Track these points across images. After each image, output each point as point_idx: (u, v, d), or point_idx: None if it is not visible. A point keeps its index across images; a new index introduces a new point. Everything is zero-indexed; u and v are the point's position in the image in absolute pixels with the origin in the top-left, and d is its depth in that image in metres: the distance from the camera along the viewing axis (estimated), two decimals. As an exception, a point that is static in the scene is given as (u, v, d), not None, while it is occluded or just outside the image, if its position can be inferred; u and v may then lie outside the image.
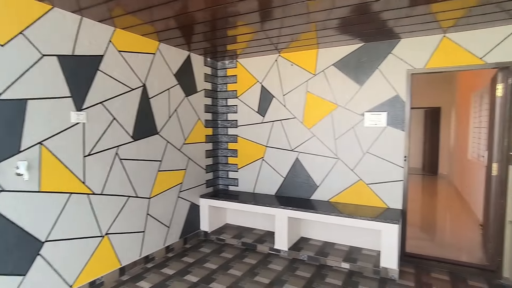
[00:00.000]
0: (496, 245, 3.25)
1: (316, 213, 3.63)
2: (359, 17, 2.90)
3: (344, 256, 3.65)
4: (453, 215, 5.72)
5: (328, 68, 3.93)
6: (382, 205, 3.72)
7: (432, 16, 2.88)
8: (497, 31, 3.12)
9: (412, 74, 3.50)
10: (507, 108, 3.15)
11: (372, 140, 3.73)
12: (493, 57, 3.14)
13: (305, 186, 4.20)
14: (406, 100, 3.53)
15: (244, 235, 4.34)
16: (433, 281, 3.21)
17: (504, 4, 2.61)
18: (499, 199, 3.22)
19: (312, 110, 4.07)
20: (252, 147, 4.55)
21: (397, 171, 3.62)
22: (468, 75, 6.69)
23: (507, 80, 3.14)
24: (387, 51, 3.60)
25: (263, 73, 4.38)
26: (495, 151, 3.32)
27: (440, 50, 3.36)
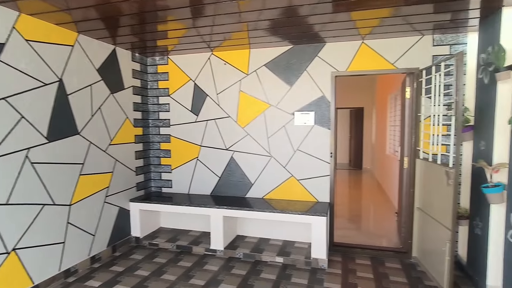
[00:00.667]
0: (407, 229, 3.68)
1: (251, 210, 3.68)
2: (287, 20, 3.01)
3: (278, 250, 3.77)
4: (375, 205, 6.33)
5: (260, 68, 4.02)
6: (312, 199, 3.94)
7: (352, 23, 3.13)
8: (405, 41, 3.53)
9: (336, 76, 3.77)
10: (414, 109, 3.59)
11: (301, 138, 3.92)
12: (402, 63, 3.55)
13: (240, 185, 4.23)
14: (331, 100, 3.79)
15: (179, 237, 4.21)
16: (357, 266, 3.50)
17: (409, 18, 2.96)
18: (409, 189, 3.65)
19: (246, 109, 4.12)
20: (186, 147, 4.43)
21: (324, 166, 3.87)
22: (385, 78, 7.46)
23: (413, 84, 3.57)
24: (314, 54, 3.82)
25: (196, 71, 4.29)
26: (406, 147, 3.76)
27: (359, 55, 3.68)
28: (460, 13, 2.85)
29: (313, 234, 3.46)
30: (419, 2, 2.58)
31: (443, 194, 2.90)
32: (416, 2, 2.59)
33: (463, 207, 3.34)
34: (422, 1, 2.57)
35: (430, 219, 3.21)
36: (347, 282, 3.14)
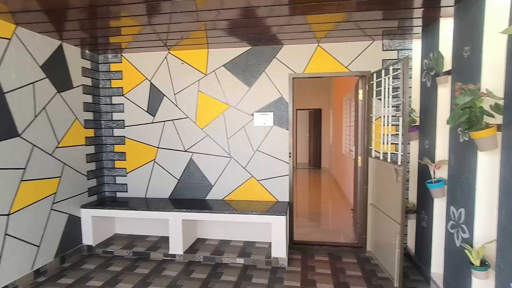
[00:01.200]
0: (362, 225, 3.86)
1: (211, 213, 3.63)
2: (245, 21, 3.01)
3: (239, 251, 3.75)
4: (333, 203, 6.57)
5: (219, 68, 3.98)
6: (272, 199, 3.99)
7: (308, 27, 3.21)
8: (357, 45, 3.71)
9: (293, 78, 3.85)
10: (366, 110, 3.78)
11: (261, 139, 3.95)
12: (355, 66, 3.72)
13: (200, 187, 4.15)
14: (289, 101, 3.87)
15: (136, 244, 4.02)
16: (316, 263, 3.59)
17: (360, 23, 3.11)
18: (363, 186, 3.84)
19: (205, 110, 4.05)
20: (142, 149, 4.25)
21: (283, 166, 3.93)
22: (340, 81, 7.79)
23: (366, 86, 3.76)
24: (272, 55, 3.87)
25: (152, 70, 4.14)
26: (359, 146, 3.95)
27: (315, 58, 3.79)
28: (405, 21, 3.05)
29: (273, 234, 3.50)
30: (369, 8, 2.72)
31: (393, 190, 3.09)
32: (366, 9, 2.73)
33: (411, 202, 3.58)
34: (371, 8, 2.72)
35: (382, 214, 3.39)
36: (306, 279, 3.21)
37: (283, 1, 2.55)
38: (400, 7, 2.71)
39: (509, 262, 1.92)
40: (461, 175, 2.49)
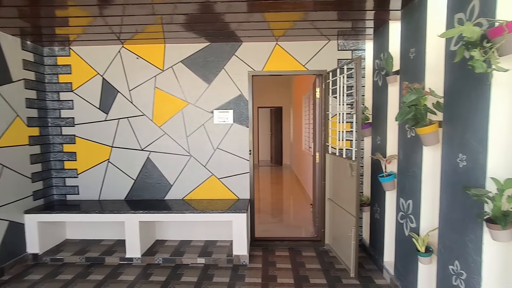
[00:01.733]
0: (321, 219, 3.98)
1: (170, 213, 3.52)
2: (203, 16, 2.95)
3: (199, 251, 3.69)
4: (294, 199, 6.71)
5: (176, 64, 3.87)
6: (233, 197, 3.97)
7: (266, 24, 3.23)
8: (314, 44, 3.80)
9: (253, 76, 3.86)
10: (323, 108, 3.89)
11: (221, 137, 3.91)
12: (312, 65, 3.82)
13: (158, 187, 4.01)
14: (249, 99, 3.87)
15: (89, 249, 3.78)
16: (277, 258, 3.64)
17: (316, 23, 3.18)
18: (321, 181, 3.96)
19: (162, 107, 3.92)
20: (95, 148, 4.01)
21: (244, 164, 3.93)
22: (300, 79, 7.96)
23: (322, 85, 3.88)
24: (231, 52, 3.84)
25: (105, 64, 3.91)
26: (317, 143, 4.06)
27: (274, 56, 3.83)
28: (358, 22, 3.19)
29: (234, 231, 3.48)
30: (324, 9, 2.80)
31: (348, 185, 3.22)
32: (321, 9, 2.80)
33: (365, 195, 3.76)
34: (326, 8, 2.79)
35: (339, 208, 3.53)
36: (267, 275, 3.24)
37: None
38: (353, 8, 2.82)
39: (448, 247, 2.09)
40: (409, 169, 2.66)
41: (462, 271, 1.94)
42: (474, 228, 1.83)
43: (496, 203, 1.61)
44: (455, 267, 2.01)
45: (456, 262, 2.00)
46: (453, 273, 2.03)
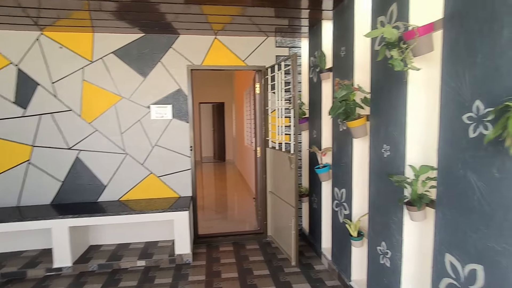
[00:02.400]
0: (263, 212, 4.07)
1: (105, 216, 3.27)
2: (136, 4, 2.77)
3: (139, 253, 3.51)
4: (238, 194, 6.76)
5: (107, 55, 3.58)
6: (174, 195, 3.84)
7: (204, 17, 3.16)
8: (253, 40, 3.84)
9: (191, 70, 3.76)
10: (263, 103, 3.97)
11: (159, 133, 3.75)
12: (252, 60, 3.85)
13: (90, 188, 3.69)
14: (188, 93, 3.76)
15: (6, 263, 3.34)
16: (221, 254, 3.64)
17: (254, 19, 3.20)
18: (262, 175, 4.04)
19: (92, 101, 3.60)
20: (11, 148, 3.53)
21: (185, 160, 3.82)
22: (241, 75, 8.00)
23: (262, 80, 3.94)
24: (168, 45, 3.68)
25: (20, 53, 3.45)
26: (258, 137, 4.13)
27: (213, 50, 3.77)
28: (294, 20, 3.29)
29: (176, 230, 3.38)
30: (262, 5, 2.83)
31: (287, 177, 3.34)
32: (259, 5, 2.83)
33: (304, 187, 3.94)
34: (264, 5, 2.83)
35: (279, 200, 3.64)
36: (212, 271, 3.22)
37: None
38: (289, 6, 2.90)
39: (376, 231, 2.30)
40: (342, 160, 2.85)
41: (388, 250, 2.15)
42: (396, 211, 2.04)
43: (413, 187, 1.81)
44: (382, 247, 2.22)
45: (383, 243, 2.21)
46: (381, 253, 2.24)
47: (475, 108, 1.43)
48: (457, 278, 1.56)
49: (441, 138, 1.65)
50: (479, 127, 1.41)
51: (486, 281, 1.40)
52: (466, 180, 1.50)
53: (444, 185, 1.64)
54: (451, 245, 1.60)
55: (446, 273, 1.63)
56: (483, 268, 1.42)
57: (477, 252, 1.45)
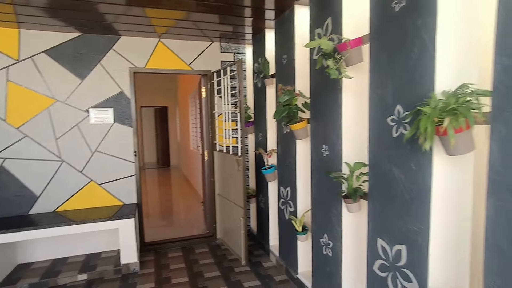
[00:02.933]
0: (211, 215, 4.10)
1: (36, 229, 2.99)
2: (70, 2, 2.61)
3: (80, 267, 3.27)
4: (184, 199, 6.64)
5: (38, 55, 3.30)
6: (118, 203, 3.67)
7: (147, 20, 3.10)
8: (198, 45, 3.86)
9: (134, 73, 3.64)
10: (209, 107, 4.01)
11: (100, 138, 3.55)
12: (197, 65, 3.87)
13: (18, 200, 3.34)
14: (131, 97, 3.64)
15: None
16: (170, 260, 3.57)
17: (199, 24, 3.25)
18: (210, 178, 4.07)
19: (20, 104, 3.27)
20: None
21: (128, 167, 3.67)
22: (185, 79, 7.89)
23: (208, 84, 3.98)
24: (108, 46, 3.53)
25: None
26: (205, 141, 4.15)
27: (157, 53, 3.71)
28: (238, 27, 3.41)
29: (121, 239, 3.24)
30: (206, 11, 2.88)
31: (236, 179, 3.43)
32: (203, 11, 2.87)
33: (251, 188, 4.07)
34: (208, 11, 2.88)
35: (228, 202, 3.71)
36: (161, 278, 3.15)
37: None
38: (232, 14, 3.00)
39: (318, 224, 2.50)
40: (286, 160, 3.04)
41: (330, 241, 2.36)
42: (336, 205, 2.26)
43: (349, 182, 2.03)
44: (324, 239, 2.43)
45: (325, 235, 2.42)
46: (323, 244, 2.45)
47: (396, 111, 1.68)
48: (387, 259, 1.80)
49: (371, 137, 1.89)
50: (400, 128, 1.67)
51: (408, 258, 1.65)
52: (390, 174, 1.74)
53: (374, 179, 1.89)
54: (381, 231, 1.84)
55: (378, 256, 1.87)
56: (406, 248, 1.67)
57: (401, 235, 1.70)
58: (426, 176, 1.53)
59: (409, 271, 1.65)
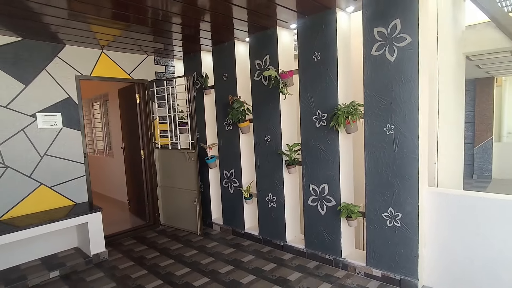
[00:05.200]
0: (153, 205, 4.69)
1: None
2: (13, 10, 2.68)
3: (46, 267, 3.34)
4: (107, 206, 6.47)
5: (-21, 58, 3.17)
6: (70, 203, 3.82)
7: (91, 34, 3.44)
8: (137, 57, 4.42)
9: (80, 80, 3.90)
10: (147, 111, 4.59)
11: (49, 142, 3.65)
12: (136, 74, 4.43)
13: (-44, 213, 3.09)
14: (79, 102, 3.87)
15: None
16: (131, 246, 4.01)
17: (137, 40, 3.77)
18: (151, 173, 4.66)
19: (-41, 110, 3.07)
20: None
21: (79, 167, 3.88)
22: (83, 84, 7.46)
23: (144, 91, 4.57)
24: (54, 53, 3.68)
25: None
26: (141, 141, 4.69)
27: (101, 62, 4.07)
28: (169, 46, 4.16)
29: (91, 231, 3.53)
30: (139, 30, 3.38)
31: (187, 169, 4.26)
32: (137, 30, 3.37)
33: (184, 179, 4.90)
34: (141, 30, 3.39)
35: (176, 190, 4.46)
36: (134, 257, 3.65)
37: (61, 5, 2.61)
38: (163, 35, 3.64)
39: (263, 188, 3.77)
40: (229, 150, 4.16)
41: (274, 197, 3.68)
42: (278, 171, 3.59)
43: (290, 155, 3.41)
44: (269, 196, 3.73)
45: (269, 194, 3.72)
46: (269, 200, 3.74)
47: (317, 113, 3.16)
48: (316, 194, 3.27)
49: (302, 128, 3.32)
50: (319, 122, 3.15)
51: (329, 190, 3.17)
52: (315, 147, 3.22)
53: (305, 151, 3.33)
54: (312, 179, 3.30)
55: (310, 194, 3.32)
56: (327, 185, 3.17)
57: (324, 178, 3.19)
58: (336, 145, 3.06)
59: (330, 197, 3.17)
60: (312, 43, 3.14)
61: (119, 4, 2.69)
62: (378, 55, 2.72)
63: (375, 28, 2.72)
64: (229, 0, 2.73)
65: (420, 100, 2.56)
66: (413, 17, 2.51)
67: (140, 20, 3.13)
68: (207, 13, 3.02)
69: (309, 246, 3.43)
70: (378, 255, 2.90)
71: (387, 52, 2.67)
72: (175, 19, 3.16)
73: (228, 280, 3.08)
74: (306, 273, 3.13)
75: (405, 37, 2.56)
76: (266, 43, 3.55)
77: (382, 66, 2.71)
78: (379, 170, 2.81)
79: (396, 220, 2.75)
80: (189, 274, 3.23)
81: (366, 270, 3.00)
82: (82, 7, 2.69)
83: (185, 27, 3.42)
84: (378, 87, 2.75)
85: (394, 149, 2.70)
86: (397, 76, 2.63)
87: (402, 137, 2.65)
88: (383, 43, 2.68)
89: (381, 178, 2.81)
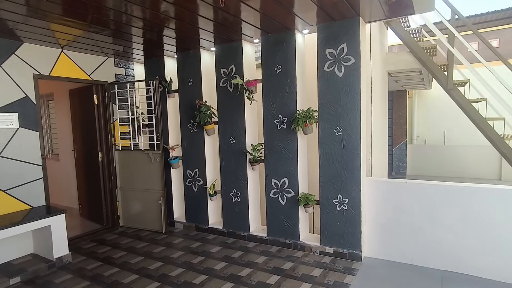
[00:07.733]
0: (112, 208, 4.66)
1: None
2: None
3: (5, 275, 3.19)
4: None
5: None
6: (26, 207, 3.64)
7: (51, 32, 3.38)
8: (97, 58, 4.41)
9: (38, 79, 3.78)
10: (106, 113, 4.57)
11: (4, 143, 3.47)
12: (96, 75, 4.41)
13: None
14: (37, 102, 3.74)
15: None
16: (92, 249, 3.94)
17: (97, 42, 3.78)
18: (110, 175, 4.63)
19: None
20: None
21: (35, 170, 3.73)
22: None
23: (103, 93, 4.55)
24: (10, 50, 3.53)
25: None
26: (99, 143, 4.63)
27: (61, 62, 3.99)
28: (129, 49, 4.26)
29: (54, 234, 3.45)
30: (100, 32, 3.41)
31: (150, 170, 4.38)
32: (96, 31, 3.39)
33: (143, 180, 4.97)
34: (101, 32, 3.41)
35: (140, 191, 4.52)
36: (101, 258, 3.66)
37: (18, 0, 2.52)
38: (124, 38, 3.72)
39: (227, 184, 4.14)
40: (193, 151, 4.42)
41: (238, 192, 4.07)
42: (242, 169, 4.00)
43: (254, 153, 3.84)
44: (233, 192, 4.11)
45: (234, 189, 4.10)
46: (233, 196, 4.12)
47: (279, 117, 3.67)
48: (277, 187, 3.76)
49: (265, 130, 3.79)
50: (280, 125, 3.66)
51: (288, 183, 3.68)
52: (277, 146, 3.72)
53: (268, 150, 3.80)
54: (273, 174, 3.78)
55: (272, 187, 3.80)
56: (287, 179, 3.69)
57: (284, 173, 3.70)
58: (294, 144, 3.60)
59: (290, 189, 3.68)
60: (274, 57, 3.65)
61: (78, 3, 2.62)
62: (329, 71, 3.35)
63: (327, 49, 3.34)
64: (195, 11, 2.89)
65: (361, 108, 3.24)
66: (356, 42, 3.18)
67: (99, 21, 3.10)
68: (172, 20, 3.15)
69: (271, 233, 3.89)
70: (330, 234, 3.51)
71: (336, 69, 3.31)
72: (137, 23, 3.17)
73: (202, 268, 3.36)
74: (270, 256, 3.58)
75: (350, 58, 3.22)
76: (232, 53, 3.94)
77: (332, 80, 3.34)
78: (330, 164, 3.42)
79: (344, 204, 3.39)
80: (163, 266, 3.42)
81: (320, 249, 3.58)
82: (40, 3, 2.60)
83: (148, 31, 3.49)
84: (329, 97, 3.37)
85: (342, 147, 3.34)
86: (344, 89, 3.28)
87: (348, 137, 3.30)
88: (333, 61, 3.31)
89: (332, 171, 3.42)
